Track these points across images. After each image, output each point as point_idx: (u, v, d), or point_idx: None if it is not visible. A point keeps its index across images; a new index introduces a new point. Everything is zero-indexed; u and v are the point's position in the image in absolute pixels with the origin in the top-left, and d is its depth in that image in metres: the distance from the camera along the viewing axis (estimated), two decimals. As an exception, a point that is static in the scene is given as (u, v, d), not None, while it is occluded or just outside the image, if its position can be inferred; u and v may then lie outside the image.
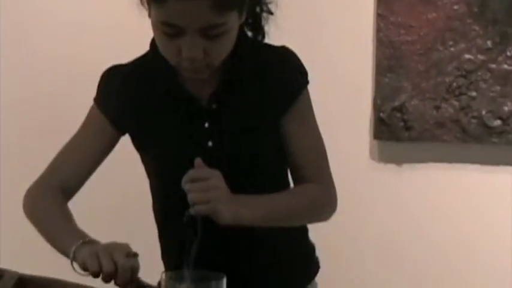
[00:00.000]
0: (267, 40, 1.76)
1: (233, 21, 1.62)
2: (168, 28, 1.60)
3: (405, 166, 2.79)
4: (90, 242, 1.59)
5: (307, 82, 1.76)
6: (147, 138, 1.79)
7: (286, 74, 1.75)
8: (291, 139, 1.76)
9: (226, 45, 1.67)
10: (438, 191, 2.76)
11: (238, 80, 1.73)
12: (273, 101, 1.74)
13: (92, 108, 1.81)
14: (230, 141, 1.73)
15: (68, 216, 1.73)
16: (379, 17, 2.73)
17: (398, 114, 2.75)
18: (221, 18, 1.59)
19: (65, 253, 1.62)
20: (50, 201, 1.76)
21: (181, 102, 1.74)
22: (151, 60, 1.75)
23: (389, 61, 2.73)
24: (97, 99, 1.81)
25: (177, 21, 1.59)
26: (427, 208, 2.76)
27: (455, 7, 2.66)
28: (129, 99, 1.79)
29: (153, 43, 1.73)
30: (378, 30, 2.73)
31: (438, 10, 2.68)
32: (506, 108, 2.63)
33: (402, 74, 2.73)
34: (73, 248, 1.58)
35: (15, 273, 1.73)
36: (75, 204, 1.78)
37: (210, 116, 1.73)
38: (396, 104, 2.74)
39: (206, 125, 1.74)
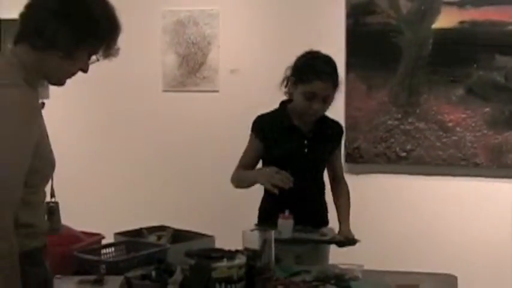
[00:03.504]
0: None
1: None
2: (309, 94, 3.30)
3: (363, 175, 5.43)
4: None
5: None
6: (274, 147, 3.52)
7: (341, 134, 3.73)
8: (336, 157, 3.74)
9: (329, 106, 3.35)
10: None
11: (324, 127, 3.58)
12: (334, 143, 3.70)
13: (251, 134, 3.59)
14: (315, 151, 3.54)
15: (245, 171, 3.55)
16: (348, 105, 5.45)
17: (357, 150, 5.47)
18: (334, 92, 3.32)
19: (252, 179, 3.48)
20: (237, 173, 3.58)
21: (294, 130, 3.52)
22: (280, 110, 3.58)
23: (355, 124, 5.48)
24: (253, 128, 3.58)
25: (316, 92, 3.29)
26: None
27: (384, 99, 5.44)
28: (267, 128, 3.55)
29: (281, 104, 3.58)
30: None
31: (376, 99, 5.44)
32: (408, 147, 5.43)
33: (359, 131, 5.46)
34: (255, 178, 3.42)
35: (172, 228, 3.58)
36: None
37: (308, 139, 3.53)
38: (355, 145, 5.48)
39: (305, 142, 3.55)
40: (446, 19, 5.23)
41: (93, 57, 2.33)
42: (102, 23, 2.27)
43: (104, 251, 3.28)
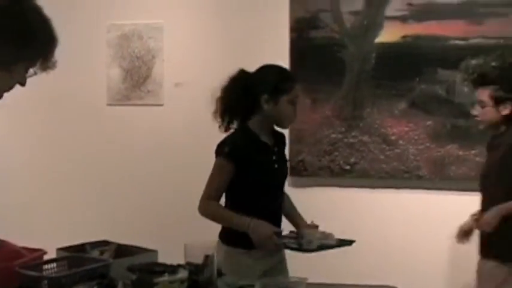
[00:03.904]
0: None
1: None
2: (294, 99, 3.50)
3: (307, 188, 5.49)
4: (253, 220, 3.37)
5: None
6: (246, 165, 3.46)
7: (285, 142, 3.82)
8: None
9: None
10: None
11: (279, 138, 3.70)
12: (284, 149, 3.78)
13: (217, 160, 3.47)
14: (282, 165, 3.66)
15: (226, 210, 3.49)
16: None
17: (301, 164, 5.51)
18: None
19: (239, 227, 3.39)
20: (213, 205, 3.47)
21: (263, 146, 3.56)
22: (244, 131, 3.54)
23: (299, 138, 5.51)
24: (220, 153, 3.47)
25: (298, 94, 3.56)
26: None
27: (328, 112, 5.49)
28: (237, 148, 3.49)
29: (240, 124, 3.55)
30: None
31: (320, 113, 5.48)
32: (352, 160, 5.48)
33: (303, 145, 5.50)
34: (251, 224, 3.36)
35: (115, 243, 3.48)
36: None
37: (275, 153, 3.61)
38: (300, 158, 5.52)
39: (274, 157, 3.61)
40: (389, 33, 5.29)
41: (31, 71, 2.30)
42: (40, 36, 2.24)
43: (45, 266, 3.24)
